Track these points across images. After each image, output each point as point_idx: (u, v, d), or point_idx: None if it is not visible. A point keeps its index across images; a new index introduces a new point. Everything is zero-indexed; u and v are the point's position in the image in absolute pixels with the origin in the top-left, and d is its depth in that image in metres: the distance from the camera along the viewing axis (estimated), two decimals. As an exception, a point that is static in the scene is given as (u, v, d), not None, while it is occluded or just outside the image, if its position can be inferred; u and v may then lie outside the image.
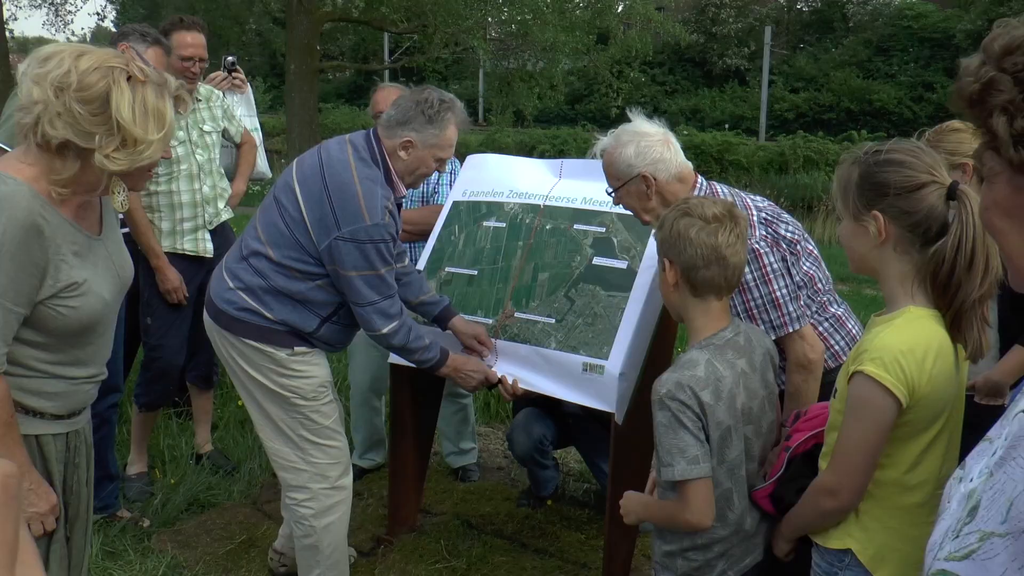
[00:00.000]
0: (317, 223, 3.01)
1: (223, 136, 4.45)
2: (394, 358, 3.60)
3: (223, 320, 3.15)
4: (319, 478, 3.23)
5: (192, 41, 4.17)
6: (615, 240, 3.42)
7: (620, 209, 3.32)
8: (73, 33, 29.49)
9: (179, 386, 4.80)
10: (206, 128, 4.29)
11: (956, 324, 1.92)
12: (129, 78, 2.03)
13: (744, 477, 2.24)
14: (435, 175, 4.06)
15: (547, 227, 3.60)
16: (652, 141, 2.79)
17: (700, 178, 2.87)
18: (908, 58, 31.19)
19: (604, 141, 2.91)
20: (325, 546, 3.28)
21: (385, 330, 3.11)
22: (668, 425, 2.12)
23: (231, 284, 3.13)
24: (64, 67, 1.97)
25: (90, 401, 2.38)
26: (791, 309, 2.66)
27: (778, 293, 2.64)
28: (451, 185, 4.30)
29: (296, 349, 3.13)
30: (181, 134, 4.12)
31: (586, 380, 3.19)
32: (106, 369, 2.40)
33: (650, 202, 2.82)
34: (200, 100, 4.30)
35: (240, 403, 5.18)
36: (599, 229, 3.48)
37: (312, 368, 3.18)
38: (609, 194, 2.96)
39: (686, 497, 2.13)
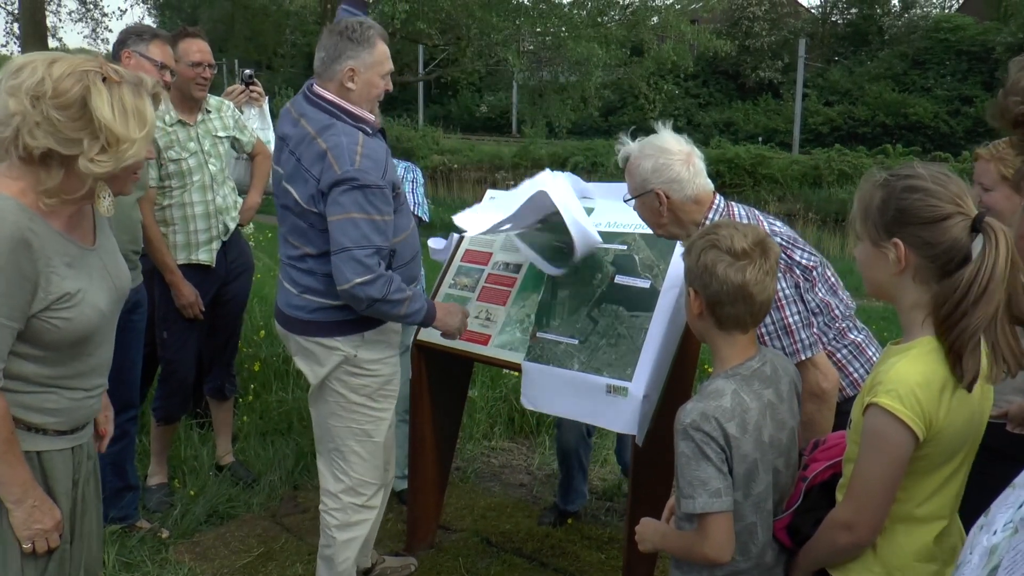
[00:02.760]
0: (311, 199, 3.02)
1: (235, 147, 4.46)
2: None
3: (297, 327, 3.20)
4: (352, 492, 3.27)
5: (199, 47, 4.18)
6: (637, 258, 3.36)
7: (642, 228, 3.27)
8: (107, 42, 29.84)
9: (200, 398, 4.81)
10: (220, 135, 4.30)
11: (955, 353, 1.82)
12: (104, 79, 2.03)
13: (770, 511, 2.17)
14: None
15: None
16: (672, 159, 2.74)
17: (719, 198, 2.81)
18: (945, 71, 30.77)
19: (630, 147, 2.87)
20: (340, 561, 3.31)
21: (357, 280, 2.92)
22: (691, 456, 2.06)
23: (295, 291, 3.17)
24: (38, 75, 1.96)
25: (94, 415, 2.37)
26: (803, 336, 2.59)
27: (790, 319, 2.58)
28: (413, 193, 4.28)
29: (366, 335, 3.14)
30: (192, 145, 4.14)
31: (609, 402, 3.12)
32: (107, 380, 2.38)
33: (662, 218, 2.80)
34: (210, 111, 4.31)
35: (260, 415, 5.20)
36: (620, 247, 3.43)
37: (382, 367, 3.22)
38: (626, 201, 2.93)
39: (706, 531, 2.07)
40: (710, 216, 2.76)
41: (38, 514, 2.13)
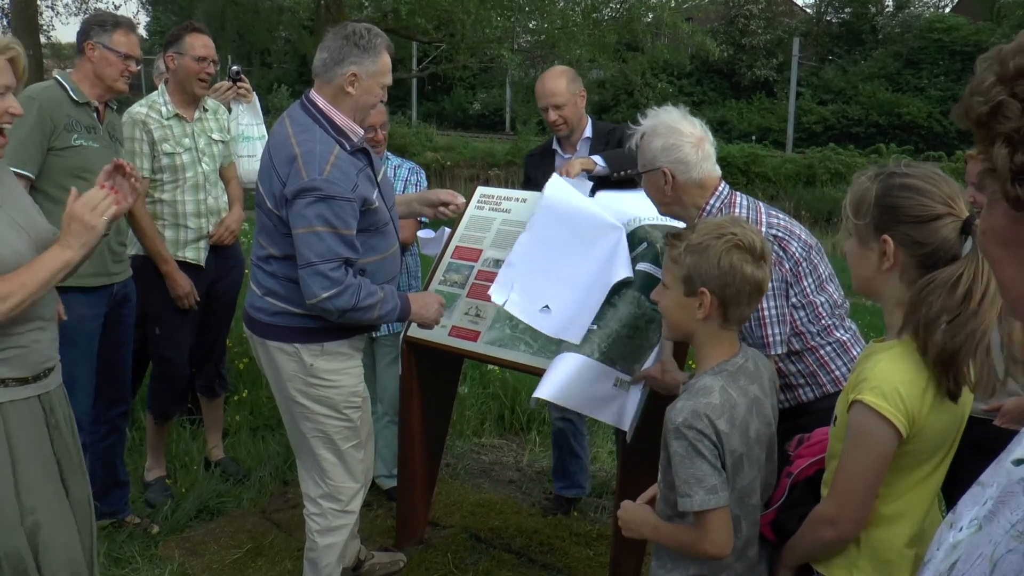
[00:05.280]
0: (274, 200, 3.02)
1: None
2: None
3: (259, 328, 3.19)
4: (331, 499, 3.28)
5: (204, 43, 4.16)
6: (658, 246, 3.29)
7: (653, 220, 3.28)
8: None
9: (192, 394, 4.82)
10: (215, 137, 4.29)
11: (934, 357, 1.82)
12: None
13: (755, 505, 2.19)
14: (398, 187, 4.11)
15: None
16: (683, 141, 2.78)
17: (723, 185, 2.84)
18: (938, 71, 30.82)
19: (645, 124, 2.88)
20: (323, 565, 3.33)
21: (324, 294, 2.91)
22: (685, 454, 2.06)
23: (259, 292, 3.17)
24: None
25: (51, 358, 2.48)
26: (775, 331, 2.62)
27: (765, 312, 2.60)
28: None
29: (326, 346, 3.12)
30: (187, 141, 4.12)
31: (613, 395, 3.09)
32: (54, 322, 2.51)
33: (666, 196, 2.83)
34: (208, 110, 4.30)
35: (251, 411, 5.19)
36: (642, 246, 3.33)
37: (342, 378, 3.19)
38: (636, 174, 2.96)
39: (705, 527, 2.07)
40: (711, 201, 2.79)
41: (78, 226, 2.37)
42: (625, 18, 18.80)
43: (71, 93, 3.59)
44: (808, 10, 36.98)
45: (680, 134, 2.78)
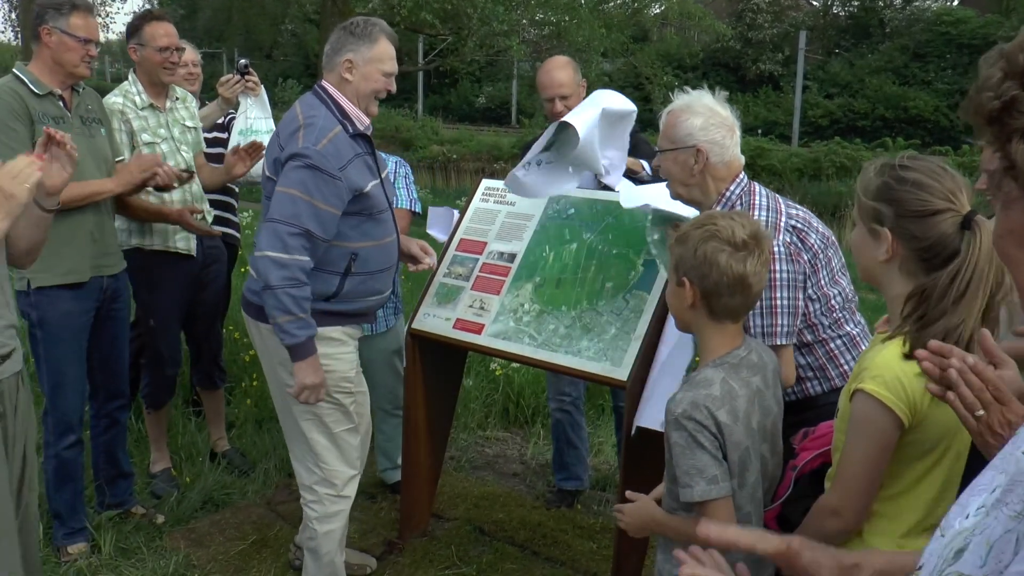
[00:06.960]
0: (273, 168, 3.06)
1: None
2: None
3: (253, 310, 3.20)
4: (326, 484, 3.29)
5: (165, 31, 4.05)
6: None
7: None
8: (106, 29, 29.69)
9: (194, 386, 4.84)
10: (188, 124, 4.24)
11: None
12: None
13: (760, 499, 2.19)
14: (391, 178, 4.03)
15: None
16: (720, 123, 2.79)
17: (743, 174, 2.85)
18: (945, 65, 30.64)
19: (677, 103, 2.88)
20: (323, 553, 3.34)
21: (269, 252, 2.90)
22: (685, 446, 2.06)
23: (255, 274, 3.15)
24: None
25: (3, 344, 2.51)
26: (784, 322, 2.62)
27: (778, 302, 2.60)
28: (407, 188, 4.27)
29: (320, 330, 3.10)
30: (163, 131, 4.07)
31: None
32: (8, 309, 2.53)
33: (692, 178, 2.81)
34: (177, 99, 4.25)
35: (255, 403, 5.21)
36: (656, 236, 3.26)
37: (334, 363, 3.19)
38: (655, 151, 2.95)
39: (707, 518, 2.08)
40: (732, 188, 2.80)
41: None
42: (633, 6, 18.80)
43: (31, 86, 3.45)
44: (815, 3, 36.86)
45: (718, 115, 2.80)
